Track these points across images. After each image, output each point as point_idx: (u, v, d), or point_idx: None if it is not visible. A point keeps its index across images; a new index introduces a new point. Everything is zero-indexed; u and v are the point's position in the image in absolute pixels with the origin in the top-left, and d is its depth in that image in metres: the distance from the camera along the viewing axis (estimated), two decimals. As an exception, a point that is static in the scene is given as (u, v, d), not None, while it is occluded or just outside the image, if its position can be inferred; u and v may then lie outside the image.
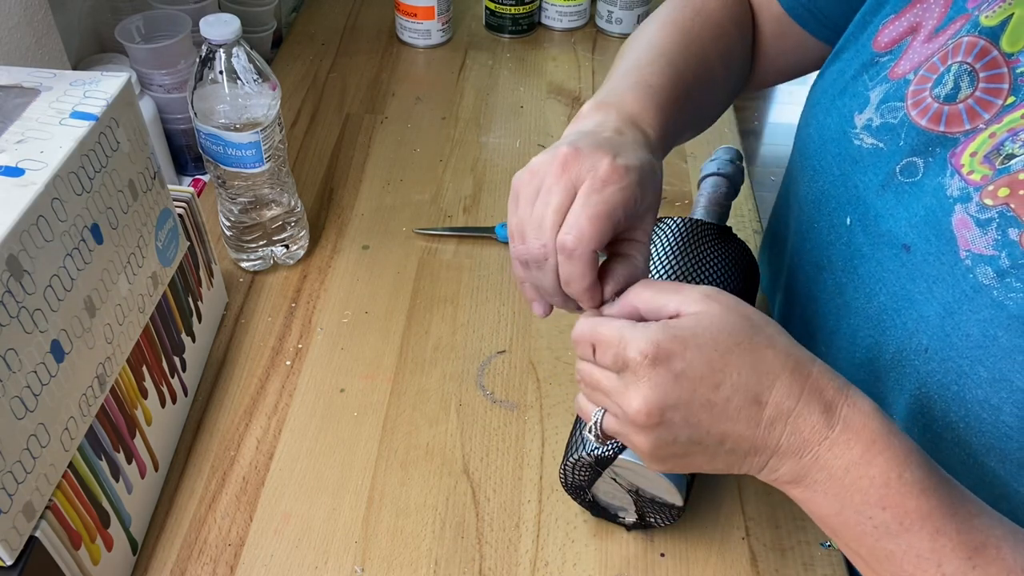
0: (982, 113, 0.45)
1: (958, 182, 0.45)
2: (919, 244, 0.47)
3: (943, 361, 0.46)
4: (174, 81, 0.82)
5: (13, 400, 0.43)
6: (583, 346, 0.42)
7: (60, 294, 0.47)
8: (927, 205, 0.47)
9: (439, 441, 0.66)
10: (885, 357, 0.50)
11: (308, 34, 1.12)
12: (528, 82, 1.05)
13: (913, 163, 0.48)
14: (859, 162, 0.51)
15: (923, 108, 0.48)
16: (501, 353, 0.72)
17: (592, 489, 0.57)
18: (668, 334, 0.39)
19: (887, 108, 0.50)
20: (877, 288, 0.51)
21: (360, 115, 0.98)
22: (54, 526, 0.47)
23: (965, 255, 0.45)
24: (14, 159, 0.46)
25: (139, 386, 0.58)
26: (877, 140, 0.50)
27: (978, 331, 0.44)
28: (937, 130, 0.47)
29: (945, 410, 0.47)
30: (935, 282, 0.46)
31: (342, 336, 0.73)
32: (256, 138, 0.67)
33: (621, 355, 0.39)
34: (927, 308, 0.47)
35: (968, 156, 0.46)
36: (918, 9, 0.50)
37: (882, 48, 0.52)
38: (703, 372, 0.38)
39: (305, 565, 0.58)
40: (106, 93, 0.51)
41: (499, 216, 0.86)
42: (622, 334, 0.39)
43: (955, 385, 0.45)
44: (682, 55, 0.54)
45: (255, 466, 0.64)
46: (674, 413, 0.39)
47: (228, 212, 0.74)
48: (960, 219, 0.45)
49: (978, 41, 0.46)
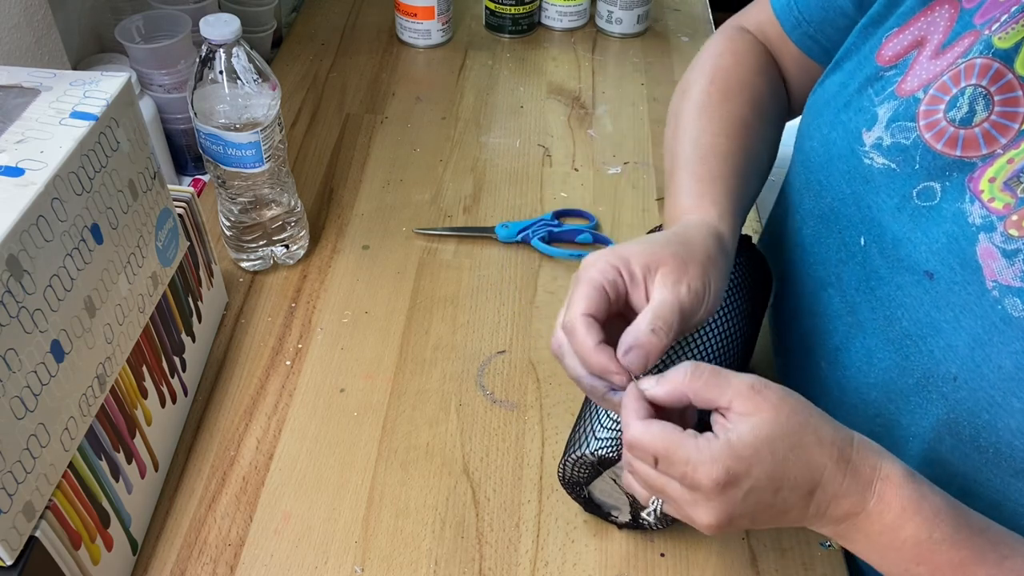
0: (999, 138, 0.45)
1: (979, 209, 0.45)
2: (943, 272, 0.46)
3: (973, 391, 0.45)
4: (174, 81, 0.82)
5: (13, 400, 0.43)
6: (643, 455, 0.44)
7: (60, 294, 0.47)
8: (948, 232, 0.46)
9: (439, 441, 0.66)
10: (908, 381, 0.50)
11: (308, 34, 1.12)
12: (528, 82, 1.05)
13: (930, 187, 0.47)
14: (871, 182, 0.50)
15: (938, 131, 0.47)
16: (501, 353, 0.72)
17: (589, 487, 0.58)
18: (734, 456, 0.41)
19: (898, 127, 0.49)
20: (898, 313, 0.50)
21: (360, 115, 0.98)
22: (54, 526, 0.47)
23: (992, 285, 0.44)
24: (14, 159, 0.46)
25: (139, 386, 0.58)
26: (889, 161, 0.49)
27: (1011, 363, 0.43)
28: (954, 154, 0.46)
29: (975, 435, 0.46)
30: (962, 311, 0.46)
31: (342, 336, 0.73)
32: (256, 138, 0.67)
33: (690, 476, 0.42)
34: (955, 338, 0.46)
35: (987, 182, 0.45)
36: (922, 22, 0.50)
37: (887, 62, 0.51)
38: (766, 484, 0.42)
39: (305, 565, 0.58)
40: (106, 93, 0.51)
41: (499, 216, 0.86)
42: (689, 456, 0.42)
43: (986, 413, 0.45)
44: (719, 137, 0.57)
45: (255, 466, 0.64)
46: (740, 519, 0.43)
47: (228, 212, 0.74)
48: (985, 248, 0.44)
49: (992, 64, 0.45)
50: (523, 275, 0.80)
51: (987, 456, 0.46)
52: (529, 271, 0.80)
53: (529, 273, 0.80)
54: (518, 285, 0.79)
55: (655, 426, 0.43)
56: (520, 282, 0.79)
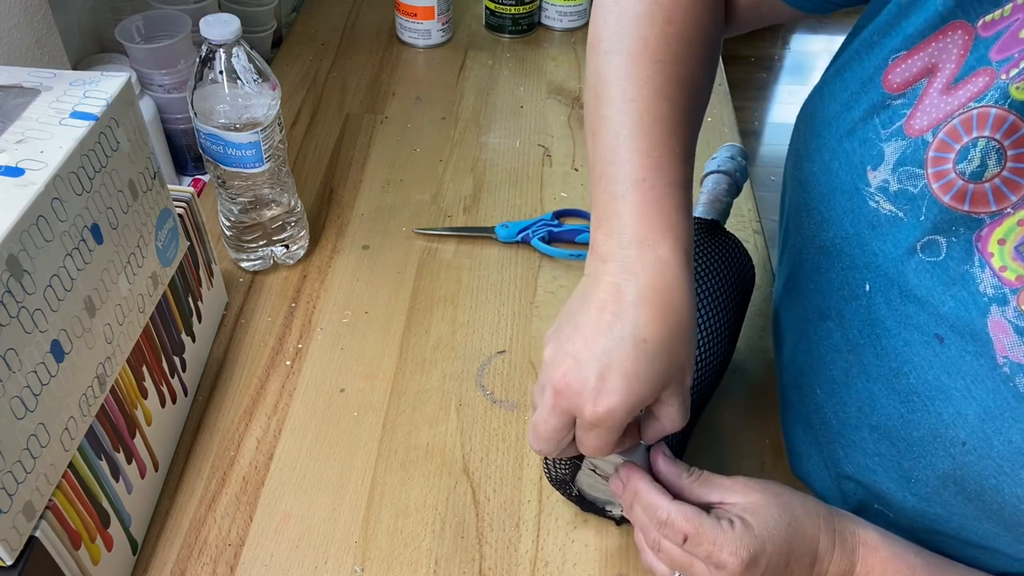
0: (1009, 195, 0.43)
1: (991, 278, 0.44)
2: (953, 338, 0.45)
3: (982, 458, 0.45)
4: (174, 81, 0.82)
5: (13, 400, 0.43)
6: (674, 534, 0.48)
7: (60, 294, 0.47)
8: (958, 297, 0.45)
9: (439, 441, 0.66)
10: (914, 433, 0.49)
11: (308, 34, 1.12)
12: (528, 82, 1.05)
13: (935, 241, 0.46)
14: (876, 227, 0.48)
15: (946, 183, 0.45)
16: (501, 353, 0.72)
17: (576, 483, 0.58)
18: (752, 536, 0.46)
19: (905, 173, 0.47)
20: (906, 368, 0.48)
21: (360, 115, 0.98)
22: (54, 526, 0.47)
23: (1003, 361, 0.43)
24: (14, 159, 0.46)
25: (139, 386, 0.58)
26: (896, 208, 0.47)
27: (1021, 439, 0.43)
28: (961, 209, 0.45)
29: (980, 493, 0.46)
30: (973, 382, 0.45)
31: (342, 336, 0.73)
32: (256, 138, 0.67)
33: (716, 555, 0.46)
34: (965, 407, 0.45)
35: (995, 244, 0.44)
36: (933, 48, 0.46)
37: (895, 89, 0.48)
38: (778, 560, 0.47)
39: (305, 565, 0.58)
40: (106, 93, 0.51)
41: (499, 216, 0.86)
42: (716, 537, 0.46)
43: (993, 479, 0.45)
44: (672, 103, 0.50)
45: (255, 466, 0.64)
46: None
47: (228, 212, 0.74)
48: (996, 322, 0.43)
49: (1008, 116, 0.43)
50: (523, 275, 0.80)
51: (990, 512, 0.46)
52: (529, 271, 0.80)
53: (529, 273, 0.80)
54: (518, 285, 0.79)
55: (688, 509, 0.47)
56: (520, 282, 0.79)
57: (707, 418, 0.67)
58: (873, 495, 0.54)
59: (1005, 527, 0.46)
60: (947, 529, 0.50)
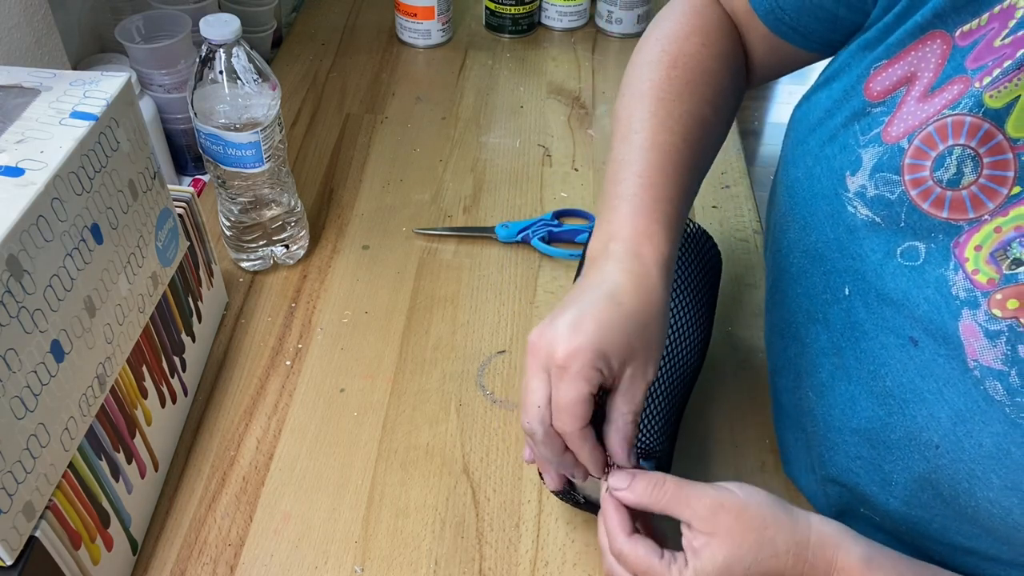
0: (987, 202, 0.44)
1: (963, 281, 0.44)
2: (926, 341, 0.46)
3: (955, 461, 0.45)
4: (174, 81, 0.82)
5: (13, 400, 0.43)
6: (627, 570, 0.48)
7: (60, 294, 0.47)
8: (931, 299, 0.46)
9: (439, 441, 0.66)
10: (891, 436, 0.50)
11: (308, 34, 1.12)
12: (528, 82, 1.05)
13: (914, 247, 0.47)
14: (855, 232, 0.49)
15: (925, 190, 0.46)
16: (501, 353, 0.72)
17: (579, 489, 0.57)
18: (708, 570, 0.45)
19: (882, 179, 0.48)
20: (883, 371, 0.49)
21: (360, 115, 0.98)
22: (54, 526, 0.47)
23: (973, 365, 0.44)
24: (14, 159, 0.46)
25: (139, 386, 0.58)
26: (873, 214, 0.48)
27: (991, 443, 0.43)
28: (940, 216, 0.45)
29: (955, 497, 0.46)
30: (945, 385, 0.45)
31: (342, 336, 0.73)
32: (256, 138, 0.67)
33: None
34: (938, 409, 0.46)
35: (972, 249, 0.44)
36: (912, 57, 0.48)
37: (875, 97, 0.49)
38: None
39: (305, 565, 0.58)
40: (106, 93, 0.51)
41: (499, 216, 0.86)
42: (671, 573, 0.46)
43: (966, 483, 0.45)
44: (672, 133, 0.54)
45: (255, 466, 0.64)
46: None
47: (228, 212, 0.74)
48: (967, 326, 0.44)
49: (982, 124, 0.43)
50: (523, 275, 0.80)
51: (965, 515, 0.47)
52: (529, 271, 0.80)
53: (529, 273, 0.80)
54: (518, 285, 0.79)
55: (640, 547, 0.47)
56: (520, 282, 0.79)
57: (707, 418, 0.67)
58: (857, 498, 0.55)
59: (984, 530, 0.46)
60: (930, 532, 0.50)
